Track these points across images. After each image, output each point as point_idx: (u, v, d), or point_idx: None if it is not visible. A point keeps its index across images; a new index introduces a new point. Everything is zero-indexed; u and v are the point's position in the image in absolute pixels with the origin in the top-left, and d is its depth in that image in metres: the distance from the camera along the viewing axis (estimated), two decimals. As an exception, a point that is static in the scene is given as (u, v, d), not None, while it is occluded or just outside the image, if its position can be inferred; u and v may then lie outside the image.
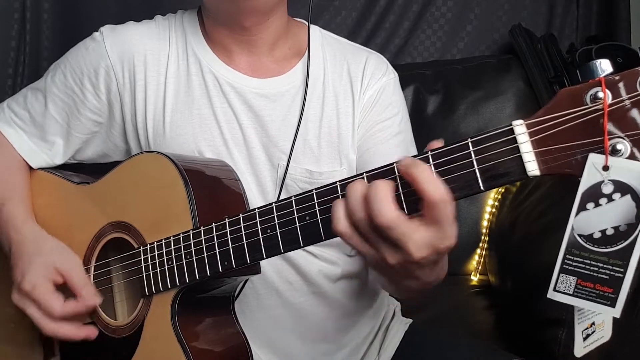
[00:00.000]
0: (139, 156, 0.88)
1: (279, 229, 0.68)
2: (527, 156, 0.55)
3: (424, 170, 0.57)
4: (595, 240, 0.55)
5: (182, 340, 0.78)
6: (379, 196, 0.57)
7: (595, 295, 0.56)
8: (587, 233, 0.55)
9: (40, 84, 0.99)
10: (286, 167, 0.91)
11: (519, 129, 0.55)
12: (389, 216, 0.57)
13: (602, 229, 0.55)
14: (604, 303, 0.55)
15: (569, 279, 0.57)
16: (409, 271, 0.63)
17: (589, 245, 0.55)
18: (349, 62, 0.99)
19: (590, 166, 0.53)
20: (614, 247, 0.54)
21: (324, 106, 0.95)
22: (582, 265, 0.56)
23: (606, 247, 0.55)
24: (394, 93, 1.01)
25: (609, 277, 0.55)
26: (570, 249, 0.56)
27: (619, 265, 0.54)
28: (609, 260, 0.55)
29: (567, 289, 0.57)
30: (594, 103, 0.52)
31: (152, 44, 0.95)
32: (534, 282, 1.12)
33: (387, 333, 1.04)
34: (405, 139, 1.00)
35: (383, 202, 0.57)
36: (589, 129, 0.53)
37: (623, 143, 0.52)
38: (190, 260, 0.76)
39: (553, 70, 1.60)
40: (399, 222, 0.57)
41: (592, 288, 0.56)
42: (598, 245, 0.55)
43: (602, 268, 0.55)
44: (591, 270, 0.55)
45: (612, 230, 0.54)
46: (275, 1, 0.90)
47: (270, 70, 0.95)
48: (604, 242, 0.55)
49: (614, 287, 0.55)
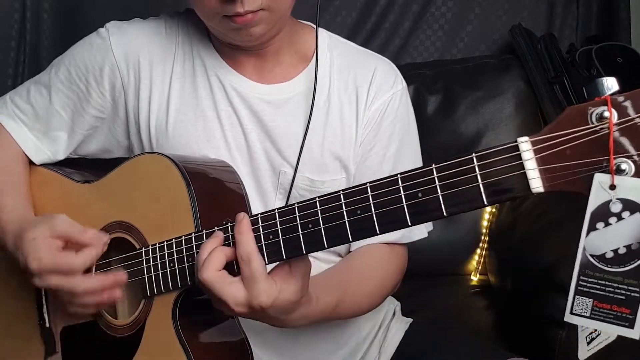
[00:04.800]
0: (141, 157, 0.88)
1: (282, 235, 0.69)
2: (531, 173, 0.55)
3: (240, 231, 0.70)
4: (608, 260, 0.54)
5: (183, 340, 0.78)
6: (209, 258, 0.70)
7: (613, 317, 0.55)
8: (600, 253, 0.55)
9: (44, 77, 0.98)
10: (293, 176, 0.91)
11: (524, 146, 0.55)
12: (207, 274, 0.70)
13: (614, 249, 0.54)
14: (622, 325, 0.54)
15: (584, 300, 0.56)
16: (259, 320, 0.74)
17: (602, 265, 0.55)
18: (357, 70, 0.96)
19: (597, 185, 0.53)
20: (628, 267, 0.54)
21: (328, 115, 0.94)
22: (597, 287, 0.55)
23: (620, 266, 0.54)
24: (401, 105, 0.97)
25: (625, 298, 0.54)
26: (583, 269, 0.55)
27: (634, 285, 0.53)
28: (624, 280, 0.54)
29: (584, 311, 0.56)
30: (600, 122, 0.52)
31: (158, 43, 0.94)
32: (534, 282, 1.12)
33: (387, 332, 1.04)
34: (410, 152, 0.98)
35: (209, 262, 0.70)
36: (594, 148, 0.53)
37: (627, 163, 0.52)
38: (193, 264, 0.76)
39: (553, 70, 1.60)
40: (214, 279, 0.69)
41: (609, 309, 0.55)
42: (612, 265, 0.54)
43: (617, 288, 0.54)
44: (607, 291, 0.55)
45: (624, 249, 0.54)
46: (280, 27, 0.89)
47: (276, 76, 0.94)
48: (617, 262, 0.54)
49: (631, 307, 0.54)
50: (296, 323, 0.76)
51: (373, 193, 0.62)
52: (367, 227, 0.63)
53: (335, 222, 0.65)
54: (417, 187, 0.60)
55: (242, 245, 0.69)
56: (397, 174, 0.62)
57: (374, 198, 0.62)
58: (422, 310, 1.12)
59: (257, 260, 0.68)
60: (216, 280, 0.69)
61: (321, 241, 0.66)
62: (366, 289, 0.91)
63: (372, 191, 0.62)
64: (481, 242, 1.52)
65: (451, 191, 0.58)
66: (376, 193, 0.62)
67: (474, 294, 1.46)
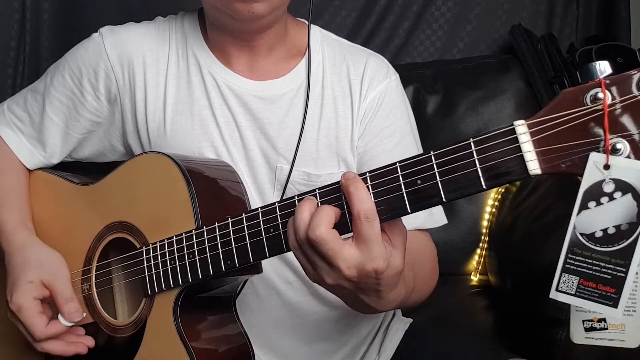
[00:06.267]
0: (141, 156, 0.88)
1: (282, 228, 0.69)
2: (528, 155, 0.56)
3: (357, 187, 0.61)
4: (597, 239, 0.55)
5: (184, 339, 0.78)
6: (319, 215, 0.62)
7: (597, 295, 0.56)
8: (589, 232, 0.55)
9: (39, 85, 0.99)
10: (290, 171, 0.91)
11: (521, 129, 0.56)
12: (320, 231, 0.61)
13: (603, 228, 0.55)
14: (606, 303, 0.55)
15: (571, 278, 0.57)
16: (353, 295, 0.67)
17: (591, 244, 0.55)
18: (349, 64, 0.98)
19: (591, 165, 0.54)
20: (616, 246, 0.55)
21: (322, 109, 0.94)
22: (584, 265, 0.56)
23: (608, 246, 0.55)
24: (397, 95, 0.99)
25: (611, 277, 0.55)
26: (572, 248, 0.56)
27: (620, 265, 0.54)
28: (611, 260, 0.55)
29: (570, 288, 0.57)
30: (594, 103, 0.53)
31: (152, 45, 0.95)
32: (534, 282, 1.12)
33: (387, 333, 1.04)
34: (412, 141, 0.99)
35: (321, 219, 0.62)
36: (589, 129, 0.54)
37: (622, 143, 0.53)
38: (193, 260, 0.77)
39: (553, 70, 1.60)
40: (328, 238, 0.61)
41: (594, 288, 0.56)
42: (600, 245, 0.55)
43: (604, 267, 0.55)
44: (593, 269, 0.55)
45: (613, 229, 0.54)
46: (278, 15, 0.89)
47: (269, 72, 0.94)
48: (605, 241, 0.55)
49: (616, 286, 0.55)
50: (389, 303, 0.70)
51: (372, 183, 0.63)
52: None
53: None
54: (416, 174, 0.61)
55: (364, 202, 0.61)
56: (395, 163, 0.62)
57: (373, 188, 0.63)
58: (422, 310, 1.12)
59: (378, 220, 0.62)
60: (331, 238, 0.62)
61: None
62: (426, 269, 0.90)
63: (372, 180, 0.63)
64: (481, 242, 1.52)
65: (450, 177, 0.59)
66: (376, 182, 0.63)
67: (474, 294, 1.45)
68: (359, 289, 0.66)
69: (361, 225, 0.61)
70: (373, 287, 0.65)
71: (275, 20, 0.90)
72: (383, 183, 0.63)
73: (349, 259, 0.62)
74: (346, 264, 0.62)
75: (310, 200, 0.64)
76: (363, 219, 0.61)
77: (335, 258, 0.62)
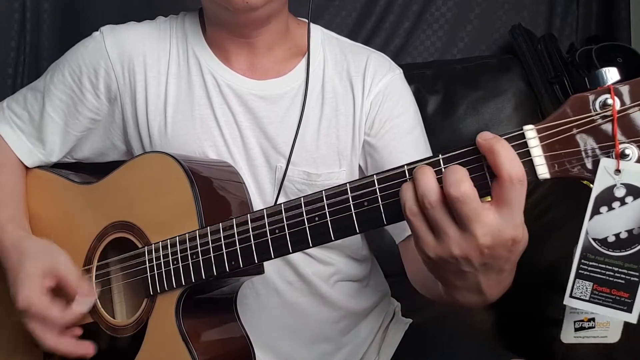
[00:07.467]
0: (144, 156, 0.88)
1: (288, 229, 0.69)
2: (537, 160, 0.56)
3: (504, 145, 0.55)
4: (610, 244, 0.56)
5: (186, 339, 0.78)
6: (456, 173, 0.56)
7: (611, 300, 0.56)
8: (602, 237, 0.56)
9: (39, 83, 0.99)
10: (285, 170, 0.91)
11: (530, 134, 0.57)
12: (464, 188, 0.55)
13: (616, 233, 0.55)
14: (620, 309, 0.55)
15: (585, 284, 0.57)
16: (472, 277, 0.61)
17: (603, 249, 0.56)
18: (349, 61, 0.98)
19: (602, 170, 0.54)
20: (629, 251, 0.55)
21: (323, 107, 0.95)
22: (597, 270, 0.56)
23: (620, 250, 0.55)
24: (402, 88, 0.99)
25: (624, 282, 0.55)
26: (585, 253, 0.57)
27: (634, 269, 0.55)
28: (624, 264, 0.55)
29: (584, 294, 0.57)
30: (603, 109, 0.54)
31: (152, 44, 0.95)
32: (534, 282, 1.12)
33: (386, 333, 1.04)
34: (421, 134, 0.99)
35: (462, 176, 0.56)
36: (598, 135, 0.55)
37: (630, 148, 0.54)
38: (197, 260, 0.77)
39: (553, 70, 1.60)
40: (473, 196, 0.55)
41: (608, 293, 0.56)
42: (613, 249, 0.56)
43: (617, 272, 0.55)
44: (607, 275, 0.56)
45: (625, 233, 0.55)
46: (275, 9, 0.89)
47: (269, 72, 0.94)
48: (618, 246, 0.55)
49: (630, 291, 0.55)
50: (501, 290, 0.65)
51: (380, 186, 0.63)
52: (373, 218, 0.64)
53: (342, 215, 0.65)
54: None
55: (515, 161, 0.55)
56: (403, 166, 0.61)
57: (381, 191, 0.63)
58: (422, 311, 1.12)
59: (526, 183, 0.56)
60: (475, 197, 0.55)
61: (328, 233, 0.66)
62: None
63: (379, 184, 0.63)
64: (481, 242, 1.52)
65: None
66: (383, 186, 0.63)
67: (473, 294, 1.45)
68: (483, 265, 0.59)
69: (511, 188, 0.55)
70: (500, 263, 0.59)
71: (271, 14, 0.90)
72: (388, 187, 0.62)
73: (487, 224, 0.55)
74: (483, 230, 0.55)
75: (426, 165, 0.59)
76: (515, 181, 0.54)
77: (474, 221, 0.55)
